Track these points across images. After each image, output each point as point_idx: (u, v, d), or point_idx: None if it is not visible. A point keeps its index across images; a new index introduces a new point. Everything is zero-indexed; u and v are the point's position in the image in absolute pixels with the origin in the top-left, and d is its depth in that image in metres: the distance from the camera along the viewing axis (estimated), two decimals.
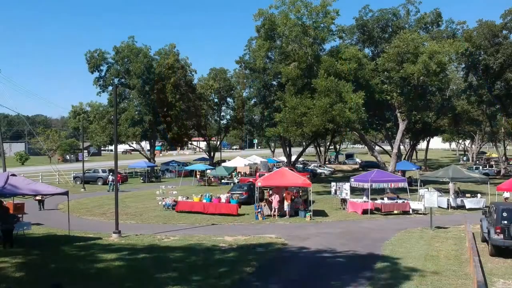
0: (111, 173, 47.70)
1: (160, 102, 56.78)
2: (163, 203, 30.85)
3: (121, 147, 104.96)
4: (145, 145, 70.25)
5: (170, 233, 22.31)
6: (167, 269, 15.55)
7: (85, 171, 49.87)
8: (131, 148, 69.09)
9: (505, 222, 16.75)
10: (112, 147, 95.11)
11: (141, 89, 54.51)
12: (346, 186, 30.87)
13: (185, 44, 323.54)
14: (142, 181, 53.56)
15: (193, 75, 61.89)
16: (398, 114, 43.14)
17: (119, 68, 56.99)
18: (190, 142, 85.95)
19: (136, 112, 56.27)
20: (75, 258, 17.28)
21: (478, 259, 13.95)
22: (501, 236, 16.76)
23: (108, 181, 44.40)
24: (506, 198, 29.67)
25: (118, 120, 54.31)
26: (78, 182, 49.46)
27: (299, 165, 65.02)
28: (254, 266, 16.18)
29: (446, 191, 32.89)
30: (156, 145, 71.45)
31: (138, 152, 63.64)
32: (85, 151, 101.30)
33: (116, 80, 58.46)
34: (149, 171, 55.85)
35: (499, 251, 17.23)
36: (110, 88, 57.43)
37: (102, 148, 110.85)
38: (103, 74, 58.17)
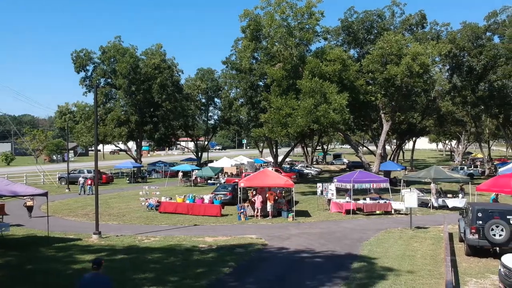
0: (82, 174, 47.39)
1: (146, 102, 56.69)
2: (147, 203, 30.78)
3: (109, 148, 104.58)
4: (133, 145, 70.04)
5: (151, 234, 22.31)
6: (145, 270, 15.58)
7: (70, 171, 49.59)
8: (118, 148, 68.83)
9: (480, 222, 16.98)
10: (99, 147, 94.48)
11: (128, 89, 54.34)
12: (332, 186, 31.05)
13: (172, 44, 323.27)
14: (128, 181, 53.36)
15: (180, 75, 61.91)
16: (383, 115, 43.49)
17: (105, 68, 56.79)
18: (177, 142, 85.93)
19: (122, 112, 56.08)
20: (52, 259, 17.24)
21: (450, 259, 14.12)
22: (476, 236, 16.98)
23: (79, 183, 42.41)
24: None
25: (104, 120, 54.64)
26: (63, 183, 49.14)
27: (286, 166, 65.18)
28: (232, 266, 16.27)
29: (429, 191, 33.19)
30: (143, 145, 71.28)
31: (125, 153, 63.43)
32: (72, 151, 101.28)
33: (102, 80, 58.32)
34: (135, 171, 55.68)
35: (474, 251, 17.48)
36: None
37: (89, 149, 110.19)
38: (89, 74, 58.02)
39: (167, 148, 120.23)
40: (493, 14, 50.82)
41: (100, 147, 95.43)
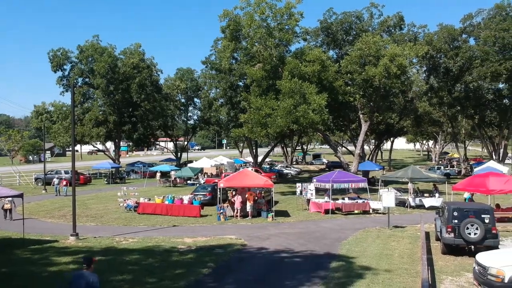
0: (57, 175, 46.67)
1: (125, 102, 56.11)
2: (125, 204, 30.51)
3: (87, 148, 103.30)
4: (111, 145, 69.30)
5: (130, 235, 22.12)
6: (122, 272, 15.43)
7: (47, 172, 48.79)
8: (96, 148, 68.03)
9: (456, 221, 17.29)
10: (77, 147, 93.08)
11: (106, 89, 53.68)
12: (312, 186, 31.21)
13: (151, 44, 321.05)
14: (106, 182, 52.77)
15: (159, 75, 61.46)
16: (361, 116, 43.91)
17: (83, 67, 56.00)
18: (156, 142, 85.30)
19: (101, 112, 55.40)
20: (28, 261, 16.96)
21: (426, 257, 14.34)
22: (452, 235, 17.29)
23: (54, 184, 41.55)
24: (466, 199, 30.45)
25: (82, 120, 53.92)
26: (39, 184, 48.34)
27: (266, 166, 65.31)
28: (211, 267, 16.24)
29: (406, 191, 33.65)
30: (122, 145, 70.57)
31: (103, 153, 62.72)
32: (49, 152, 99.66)
33: (80, 80, 57.48)
34: (113, 172, 55.10)
35: (450, 249, 17.79)
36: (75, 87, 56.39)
37: (67, 149, 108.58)
38: (66, 73, 57.17)
39: (146, 149, 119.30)
40: (469, 17, 51.75)
41: (77, 147, 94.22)
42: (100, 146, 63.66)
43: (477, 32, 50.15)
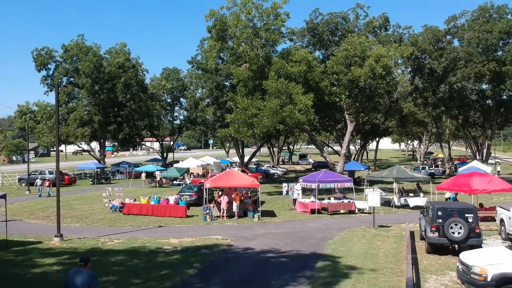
0: (40, 176, 46.13)
1: (110, 102, 55.75)
2: (110, 205, 30.29)
3: (71, 148, 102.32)
4: (96, 145, 68.74)
5: (115, 236, 21.95)
6: (108, 273, 15.30)
7: (31, 172, 48.22)
8: (81, 149, 67.44)
9: (440, 220, 17.45)
10: (62, 148, 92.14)
11: (91, 89, 53.27)
12: (298, 186, 31.29)
13: (136, 43, 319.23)
14: (91, 182, 52.32)
15: (144, 74, 61.19)
16: (347, 116, 44.15)
17: (68, 67, 55.53)
18: (142, 142, 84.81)
19: (85, 112, 54.94)
20: (11, 263, 16.73)
21: (411, 257, 14.45)
22: (436, 234, 17.45)
23: (37, 184, 40.95)
24: (447, 198, 30.83)
25: (66, 120, 53.42)
26: (23, 184, 47.75)
27: (252, 166, 65.34)
28: (197, 268, 16.18)
29: (391, 191, 33.91)
30: (107, 145, 70.03)
31: (88, 153, 62.17)
32: (33, 152, 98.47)
33: (64, 79, 57.02)
34: (98, 172, 54.67)
35: (435, 249, 17.95)
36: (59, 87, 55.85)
37: (51, 149, 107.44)
38: (51, 72, 56.60)
39: (132, 149, 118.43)
40: (453, 18, 52.38)
41: (62, 147, 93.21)
42: (85, 146, 63.03)
43: (461, 34, 50.77)
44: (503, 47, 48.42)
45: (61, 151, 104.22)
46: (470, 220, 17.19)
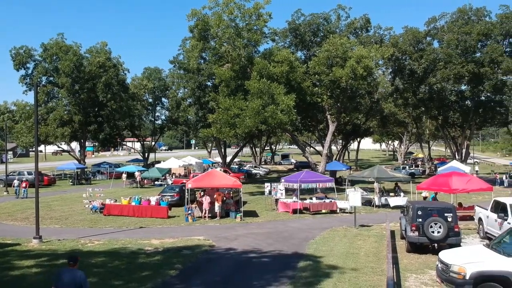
0: (18, 176, 45.39)
1: (90, 102, 55.19)
2: (90, 206, 29.94)
3: (51, 148, 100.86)
4: (76, 146, 67.92)
5: (95, 237, 21.70)
6: (88, 275, 14.89)
7: (9, 173, 47.37)
8: (61, 149, 66.55)
9: (420, 220, 17.64)
10: (41, 148, 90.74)
11: (71, 88, 52.62)
12: (281, 186, 31.34)
13: (117, 43, 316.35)
14: (71, 183, 51.66)
15: (125, 74, 60.68)
16: (328, 116, 44.40)
17: (47, 66, 54.77)
18: (123, 143, 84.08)
19: (65, 112, 54.26)
20: None
21: (391, 256, 14.59)
22: (416, 233, 17.63)
23: (14, 185, 40.12)
24: (424, 197, 31.21)
25: (46, 120, 52.68)
26: (0, 185, 46.88)
27: (235, 166, 65.28)
28: (178, 268, 16.08)
29: (372, 190, 34.21)
30: (87, 146, 69.27)
31: (68, 153, 61.41)
32: (11, 152, 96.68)
33: (44, 79, 56.25)
34: (78, 172, 54.02)
35: (415, 248, 18.14)
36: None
37: (30, 149, 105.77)
38: (30, 72, 55.80)
39: (113, 149, 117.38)
40: (433, 20, 53.13)
41: (41, 147, 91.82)
42: (65, 147, 62.24)
43: (440, 35, 51.52)
44: (481, 48, 49.26)
45: (41, 151, 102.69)
46: (450, 219, 17.41)
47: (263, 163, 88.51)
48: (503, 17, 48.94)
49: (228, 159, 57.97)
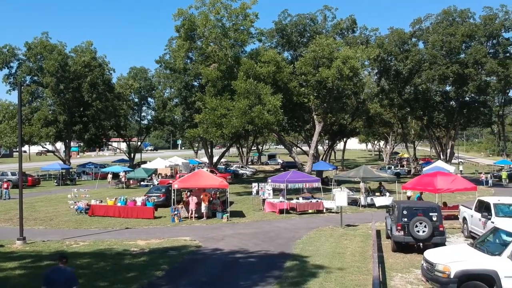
0: (1, 177, 44.73)
1: (76, 102, 54.69)
2: (76, 207, 29.65)
3: (36, 148, 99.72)
4: (61, 146, 67.23)
5: (81, 238, 21.49)
6: None
7: None
8: (46, 149, 65.82)
9: (405, 219, 17.79)
10: (25, 148, 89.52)
11: (55, 88, 52.03)
12: (269, 186, 31.36)
13: (103, 42, 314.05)
14: (56, 184, 51.08)
15: (111, 73, 60.12)
16: (315, 116, 44.56)
17: (32, 65, 54.11)
18: (109, 143, 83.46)
19: (50, 112, 53.71)
20: None
21: (377, 255, 14.69)
22: (402, 232, 17.78)
23: None
24: (408, 197, 31.45)
25: (30, 120, 52.04)
26: None
27: (221, 166, 65.18)
28: (164, 269, 16.00)
29: (358, 190, 34.40)
30: (72, 146, 68.59)
31: (53, 154, 60.77)
32: None
33: (28, 78, 55.55)
34: (63, 173, 53.48)
35: (400, 247, 18.28)
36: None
37: (14, 150, 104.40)
38: (13, 71, 55.08)
39: (98, 149, 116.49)
40: (418, 21, 53.64)
41: (25, 148, 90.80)
42: (49, 147, 61.52)
43: (425, 36, 52.02)
44: (465, 50, 49.86)
45: (25, 151, 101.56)
46: (434, 219, 17.58)
47: (249, 163, 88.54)
48: (486, 18, 49.61)
49: (215, 159, 57.84)
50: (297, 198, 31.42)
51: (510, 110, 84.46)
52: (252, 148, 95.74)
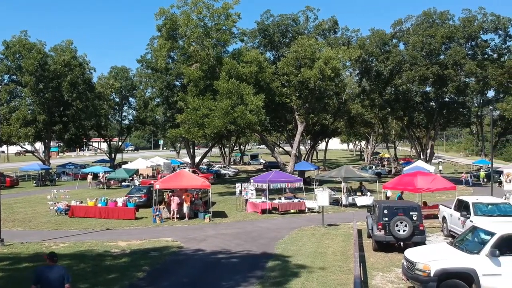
0: None
1: (55, 101, 53.95)
2: (55, 208, 29.23)
3: (14, 149, 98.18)
4: (40, 146, 66.24)
5: (60, 240, 21.20)
6: None
7: None
8: (24, 149, 64.79)
9: (386, 219, 17.96)
10: (4, 148, 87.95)
11: (35, 87, 51.21)
12: (252, 186, 31.34)
13: (84, 41, 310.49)
14: (35, 184, 50.31)
15: (92, 73, 59.44)
16: (297, 117, 44.71)
17: (10, 64, 53.19)
18: (89, 143, 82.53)
19: (29, 112, 52.82)
20: None
21: (358, 255, 14.80)
22: (383, 232, 17.94)
23: None
24: (388, 197, 31.74)
25: (8, 120, 51.19)
26: None
27: (204, 166, 64.97)
28: (145, 271, 15.89)
29: (340, 190, 34.63)
30: (52, 146, 67.65)
31: (32, 154, 59.86)
32: None
33: (6, 77, 54.65)
34: (43, 173, 52.70)
35: (381, 246, 18.45)
36: None
37: None
38: None
39: (78, 149, 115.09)
40: (399, 22, 54.21)
41: (4, 148, 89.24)
42: (28, 147, 60.58)
43: (406, 38, 52.61)
44: (445, 51, 50.55)
45: (3, 152, 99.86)
46: (415, 218, 17.78)
47: (232, 163, 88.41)
48: (465, 20, 50.37)
49: (197, 159, 57.62)
50: (279, 198, 31.50)
51: (488, 111, 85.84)
52: (235, 148, 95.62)
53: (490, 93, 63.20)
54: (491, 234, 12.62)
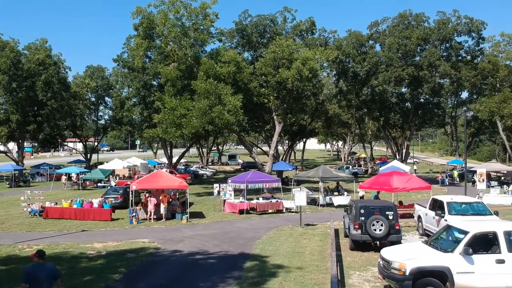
0: None
1: (29, 101, 52.91)
2: (29, 209, 28.63)
3: None
4: (14, 146, 64.90)
5: (34, 242, 20.79)
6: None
7: None
8: None
9: (362, 218, 18.13)
10: None
11: (8, 86, 50.17)
12: (230, 187, 31.27)
13: (58, 39, 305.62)
14: (8, 185, 49.28)
15: (67, 72, 58.45)
16: (275, 117, 44.85)
17: None
18: (64, 143, 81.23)
19: (2, 111, 51.71)
20: None
21: (335, 254, 14.90)
22: (359, 231, 18.11)
23: None
24: (361, 197, 31.98)
25: None
26: None
27: (181, 167, 64.57)
28: (122, 272, 15.68)
29: (317, 190, 34.83)
30: (26, 146, 66.33)
31: (5, 154, 58.60)
32: None
33: None
34: (16, 174, 51.65)
35: (358, 245, 18.62)
36: None
37: None
38: None
39: (53, 150, 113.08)
40: (375, 24, 54.86)
41: None
42: (1, 147, 59.27)
43: (382, 39, 53.27)
44: (420, 52, 51.37)
45: None
46: (391, 217, 18.00)
47: (210, 163, 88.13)
48: (440, 23, 51.28)
49: (175, 159, 57.24)
50: (257, 198, 31.51)
51: (462, 112, 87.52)
52: (213, 149, 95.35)
53: (464, 94, 64.67)
54: (465, 232, 12.84)
